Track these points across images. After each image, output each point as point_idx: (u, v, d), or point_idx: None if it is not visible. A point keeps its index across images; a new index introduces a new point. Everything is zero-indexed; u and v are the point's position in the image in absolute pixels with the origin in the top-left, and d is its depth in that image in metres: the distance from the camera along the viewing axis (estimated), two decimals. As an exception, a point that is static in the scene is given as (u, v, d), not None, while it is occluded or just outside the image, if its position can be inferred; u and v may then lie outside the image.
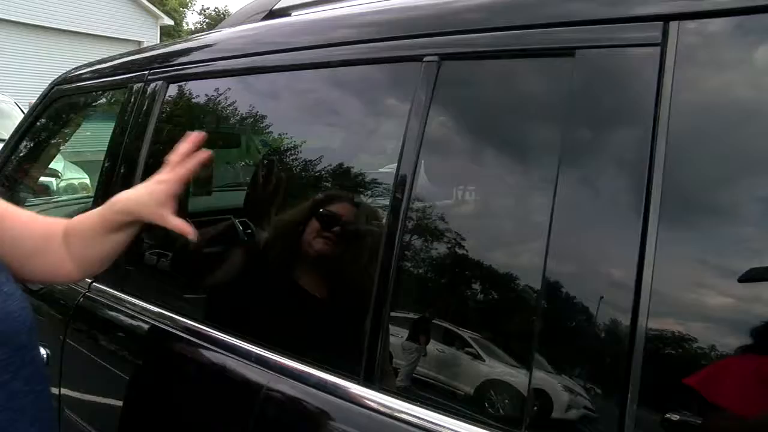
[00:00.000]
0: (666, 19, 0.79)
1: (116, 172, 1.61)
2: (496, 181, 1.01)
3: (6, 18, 15.52)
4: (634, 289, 0.75)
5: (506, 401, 0.92)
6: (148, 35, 19.53)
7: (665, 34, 0.79)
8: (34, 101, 2.30)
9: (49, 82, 2.20)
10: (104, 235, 1.12)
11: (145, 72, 1.63)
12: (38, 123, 2.19)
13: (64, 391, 1.59)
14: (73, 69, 2.15)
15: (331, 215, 1.22)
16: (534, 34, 0.91)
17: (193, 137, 1.12)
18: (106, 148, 1.67)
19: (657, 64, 0.78)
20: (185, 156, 1.11)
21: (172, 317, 1.35)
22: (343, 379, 1.02)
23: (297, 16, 1.48)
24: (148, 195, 1.09)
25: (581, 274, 0.82)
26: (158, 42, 18.39)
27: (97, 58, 2.13)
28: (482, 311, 0.99)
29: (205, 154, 1.11)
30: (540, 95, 0.96)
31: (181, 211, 1.51)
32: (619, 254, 0.78)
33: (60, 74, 2.18)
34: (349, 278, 1.24)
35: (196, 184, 1.45)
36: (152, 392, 1.37)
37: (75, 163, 6.10)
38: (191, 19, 41.06)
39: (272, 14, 1.51)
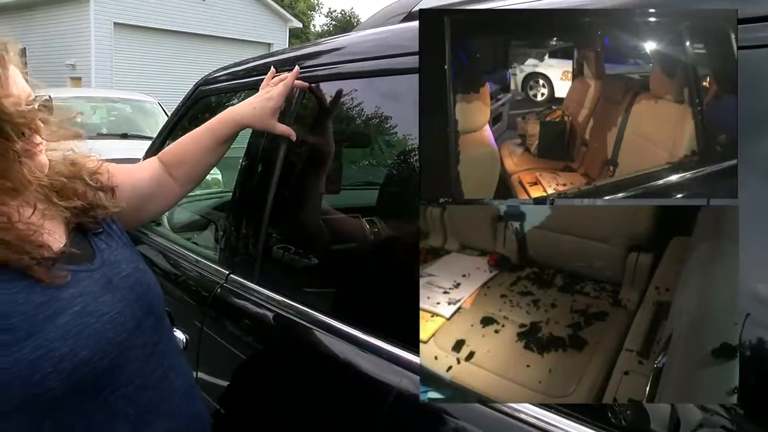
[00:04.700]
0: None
1: (255, 170, 1.69)
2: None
3: (152, 26, 16.78)
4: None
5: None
6: (277, 38, 20.42)
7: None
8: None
9: (189, 83, 2.35)
10: (215, 149, 1.34)
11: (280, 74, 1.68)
12: (183, 122, 2.33)
13: (200, 374, 1.69)
14: (214, 71, 2.27)
15: None
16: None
17: (272, 72, 1.45)
18: (245, 147, 1.75)
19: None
20: (278, 80, 1.40)
21: (305, 310, 1.38)
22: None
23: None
24: (260, 109, 1.34)
25: None
26: (287, 44, 19.16)
27: (233, 60, 2.24)
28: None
29: (293, 75, 1.39)
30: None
31: (315, 207, 1.56)
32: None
33: (202, 76, 2.32)
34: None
35: (327, 182, 1.49)
36: (281, 382, 1.42)
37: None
38: (318, 21, 42.38)
39: (411, 17, 1.49)
